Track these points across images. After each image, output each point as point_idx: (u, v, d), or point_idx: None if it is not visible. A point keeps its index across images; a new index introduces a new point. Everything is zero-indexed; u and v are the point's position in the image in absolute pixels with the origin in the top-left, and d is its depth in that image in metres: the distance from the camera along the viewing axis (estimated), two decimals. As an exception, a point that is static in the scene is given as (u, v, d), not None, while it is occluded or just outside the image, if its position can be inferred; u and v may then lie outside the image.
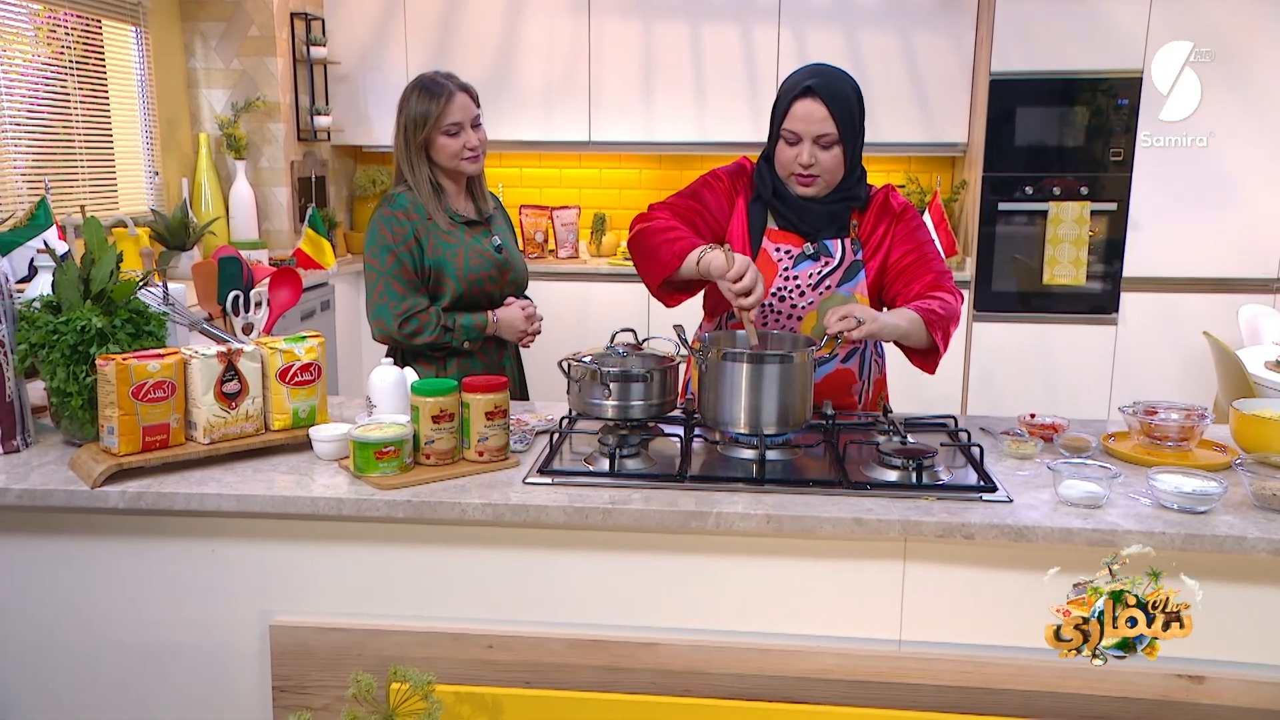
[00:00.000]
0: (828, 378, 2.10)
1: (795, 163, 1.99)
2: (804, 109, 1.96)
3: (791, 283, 2.05)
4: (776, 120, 2.02)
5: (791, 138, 1.99)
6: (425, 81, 2.32)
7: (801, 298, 2.05)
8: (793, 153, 1.99)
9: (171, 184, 4.37)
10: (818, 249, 2.06)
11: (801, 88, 1.96)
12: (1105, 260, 4.45)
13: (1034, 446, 1.83)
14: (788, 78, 2.03)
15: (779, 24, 4.58)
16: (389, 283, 2.26)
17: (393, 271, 2.26)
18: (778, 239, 2.07)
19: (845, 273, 2.07)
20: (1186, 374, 4.40)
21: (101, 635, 1.74)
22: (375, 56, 4.80)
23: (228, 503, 1.63)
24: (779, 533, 1.59)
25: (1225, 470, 1.73)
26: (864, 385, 2.17)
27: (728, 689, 1.63)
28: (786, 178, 2.04)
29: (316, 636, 1.68)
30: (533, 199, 5.16)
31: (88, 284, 1.79)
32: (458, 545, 1.68)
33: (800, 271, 2.05)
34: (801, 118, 1.96)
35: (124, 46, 4.14)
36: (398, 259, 2.26)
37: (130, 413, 1.67)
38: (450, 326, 2.29)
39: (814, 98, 1.95)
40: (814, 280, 2.05)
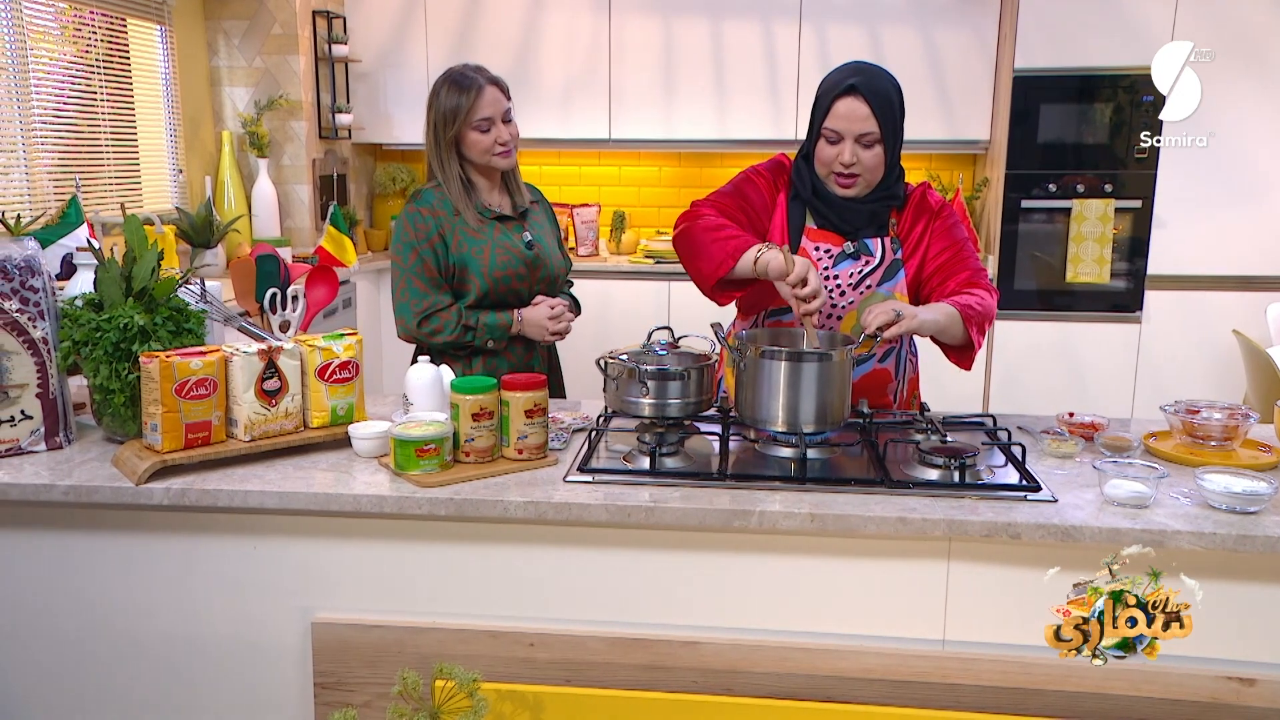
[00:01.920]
0: (865, 377, 2.09)
1: (836, 161, 1.98)
2: (846, 107, 1.95)
3: (832, 282, 2.04)
4: (817, 119, 2.00)
5: (833, 136, 1.97)
6: (455, 75, 2.28)
7: (842, 297, 2.05)
8: (834, 151, 1.98)
9: (195, 182, 4.38)
10: (858, 248, 2.05)
11: (844, 86, 1.94)
12: (1129, 258, 4.42)
13: (1075, 445, 1.82)
14: (828, 76, 2.02)
15: (800, 21, 4.56)
16: (411, 280, 2.25)
17: (415, 269, 2.24)
18: (816, 238, 2.06)
19: (885, 272, 2.06)
20: (1212, 372, 4.37)
21: (145, 630, 1.75)
22: (396, 54, 4.81)
23: (270, 500, 1.63)
24: (822, 531, 1.58)
25: (1273, 470, 1.72)
26: (899, 384, 2.16)
27: (769, 688, 1.63)
28: (826, 176, 2.03)
29: (358, 634, 1.68)
30: (552, 197, 5.11)
31: (129, 282, 1.80)
32: (498, 543, 1.68)
33: (841, 271, 2.04)
34: (844, 116, 1.95)
35: (149, 45, 4.15)
36: (420, 256, 2.24)
37: (173, 410, 1.67)
38: (472, 325, 2.26)
39: (856, 96, 1.94)
40: (854, 280, 2.04)
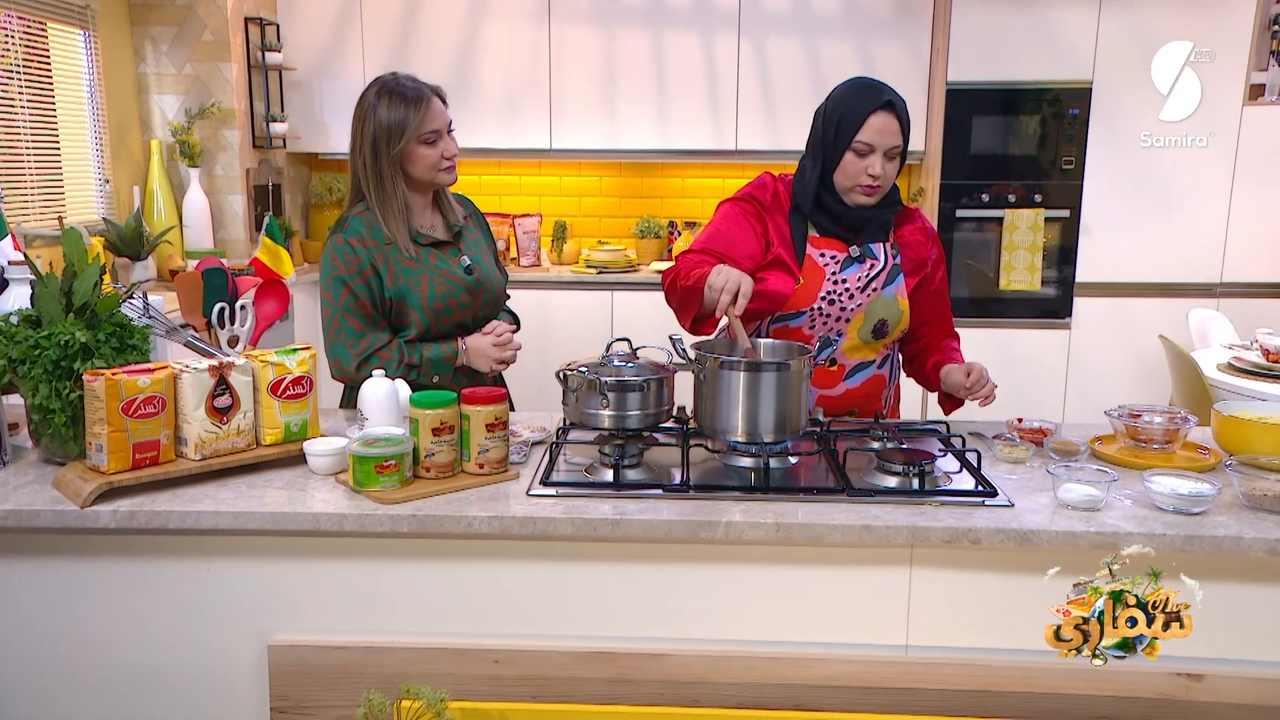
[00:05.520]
0: (866, 382, 2.16)
1: (865, 174, 2.03)
2: (880, 122, 2.00)
3: (840, 286, 2.09)
4: (846, 133, 2.02)
5: (864, 149, 2.02)
6: (393, 86, 2.10)
7: (850, 300, 2.09)
8: (863, 164, 2.03)
9: (123, 191, 4.25)
10: (863, 251, 2.10)
11: (882, 102, 2.00)
12: (1058, 266, 4.56)
13: (1026, 451, 1.87)
14: (845, 93, 2.05)
15: (739, 33, 4.61)
16: (345, 319, 2.09)
17: (348, 306, 2.08)
18: (820, 245, 2.11)
19: (887, 275, 2.12)
20: (1138, 376, 4.53)
21: (94, 658, 1.68)
22: (331, 63, 4.73)
23: (224, 520, 1.59)
24: (786, 541, 1.60)
25: (1213, 471, 1.78)
26: (889, 391, 2.24)
27: (736, 698, 1.63)
28: (850, 189, 2.06)
29: (317, 655, 1.64)
30: (493, 206, 5.12)
31: (70, 297, 1.73)
32: (460, 559, 1.65)
33: (848, 275, 2.09)
34: (878, 130, 2.00)
35: (71, 50, 4.01)
36: (352, 292, 2.08)
37: (120, 429, 1.61)
38: (415, 363, 2.11)
39: (890, 112, 2.01)
40: (862, 283, 2.10)
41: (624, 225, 5.16)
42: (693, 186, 5.13)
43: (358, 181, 2.15)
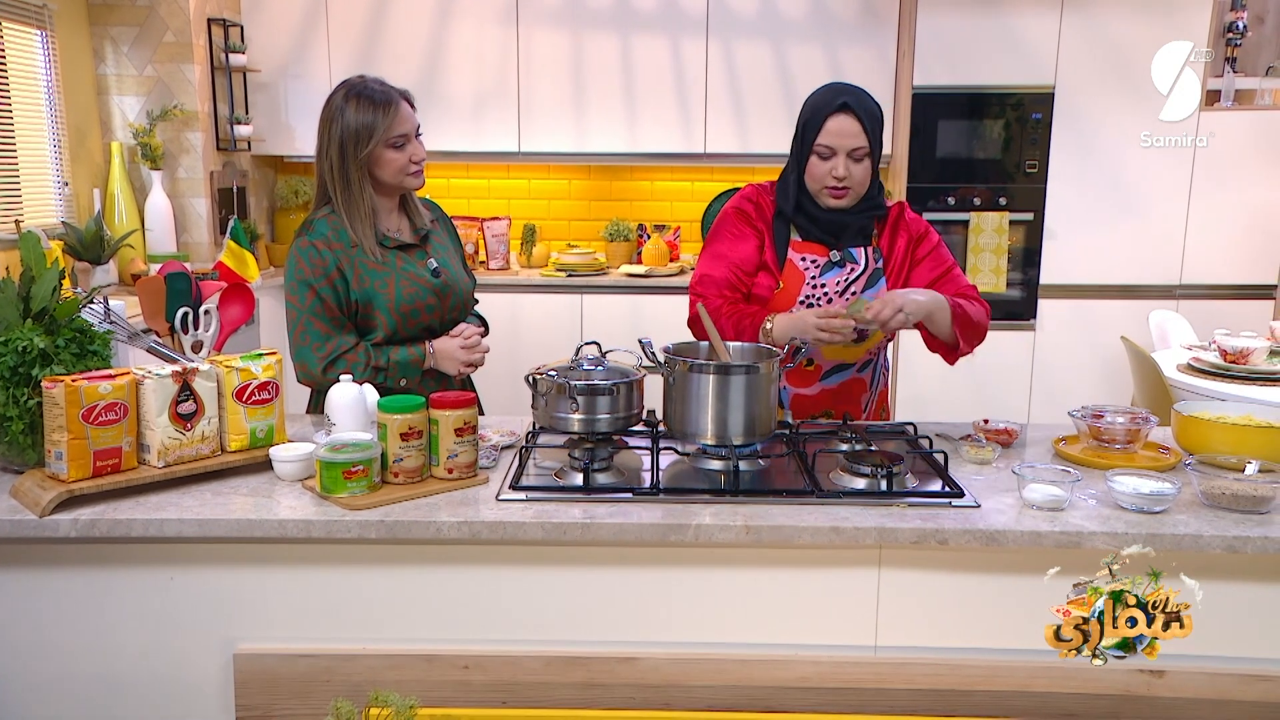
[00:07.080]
0: (842, 385, 2.18)
1: (829, 176, 2.06)
2: (838, 124, 2.03)
3: (819, 290, 2.11)
4: (809, 136, 2.07)
5: (825, 152, 2.05)
6: (361, 89, 2.09)
7: (830, 304, 2.12)
8: (826, 166, 2.06)
9: (82, 194, 4.18)
10: (843, 256, 2.13)
11: (838, 104, 2.03)
12: (1023, 268, 4.61)
13: (992, 452, 1.89)
14: (813, 96, 2.10)
15: (707, 36, 4.62)
16: (310, 322, 2.07)
17: (314, 309, 2.07)
18: (801, 249, 2.14)
19: (869, 279, 2.14)
20: (1101, 376, 4.59)
21: (56, 670, 1.65)
22: (297, 64, 4.69)
23: (189, 528, 1.57)
24: (756, 543, 1.60)
25: (1173, 470, 1.81)
26: (871, 395, 2.24)
27: (707, 701, 1.63)
28: (818, 191, 2.09)
29: (283, 664, 1.63)
30: (462, 210, 5.10)
31: (28, 302, 1.70)
32: (430, 565, 1.64)
33: (828, 279, 2.12)
34: (836, 133, 2.03)
35: (28, 51, 3.94)
36: (318, 295, 2.07)
37: (80, 436, 1.59)
38: (383, 365, 2.10)
39: (849, 113, 2.03)
40: (841, 287, 2.12)
41: (593, 228, 5.15)
42: (662, 189, 5.14)
43: (324, 184, 2.14)
